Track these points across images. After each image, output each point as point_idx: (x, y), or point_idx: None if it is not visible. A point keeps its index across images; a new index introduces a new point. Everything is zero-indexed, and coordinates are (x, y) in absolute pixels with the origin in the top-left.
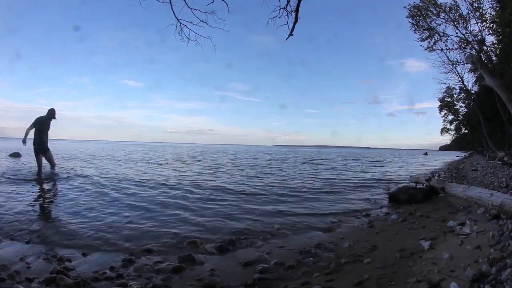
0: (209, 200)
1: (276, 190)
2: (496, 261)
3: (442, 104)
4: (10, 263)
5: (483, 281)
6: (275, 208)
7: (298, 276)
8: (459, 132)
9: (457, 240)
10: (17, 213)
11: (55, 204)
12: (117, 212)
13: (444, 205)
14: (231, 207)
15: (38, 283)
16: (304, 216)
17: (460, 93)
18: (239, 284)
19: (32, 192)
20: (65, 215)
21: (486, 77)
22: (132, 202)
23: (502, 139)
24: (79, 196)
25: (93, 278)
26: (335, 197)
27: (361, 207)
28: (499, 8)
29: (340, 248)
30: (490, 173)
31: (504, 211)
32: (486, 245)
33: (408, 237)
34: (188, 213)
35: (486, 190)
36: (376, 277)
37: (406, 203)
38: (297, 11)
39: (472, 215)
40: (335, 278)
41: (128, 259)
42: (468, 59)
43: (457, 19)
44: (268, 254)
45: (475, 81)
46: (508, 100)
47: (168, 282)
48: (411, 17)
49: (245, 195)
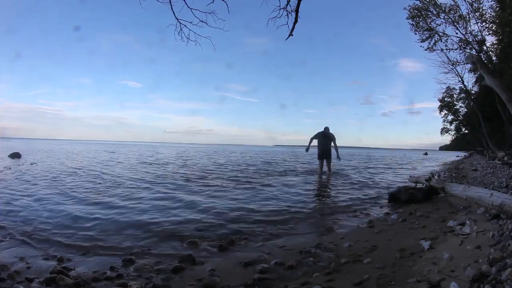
0: (209, 200)
1: (276, 191)
2: (496, 261)
3: (442, 104)
4: (10, 263)
5: (483, 281)
6: (275, 208)
7: (298, 276)
8: (459, 132)
9: (457, 240)
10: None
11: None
12: (115, 213)
13: (444, 205)
14: (231, 207)
15: (38, 283)
16: (304, 216)
17: (460, 93)
18: (239, 284)
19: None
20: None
21: (486, 77)
22: (129, 204)
23: (502, 139)
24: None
25: (93, 278)
26: (335, 197)
27: (361, 207)
28: (499, 8)
29: (340, 248)
30: (490, 173)
31: (504, 211)
32: (486, 245)
33: (408, 237)
34: (188, 213)
35: (486, 190)
36: (376, 277)
37: (406, 203)
38: (297, 11)
39: (472, 215)
40: (335, 278)
41: (128, 259)
42: (468, 59)
43: (457, 20)
44: (268, 254)
45: (475, 81)
46: (508, 100)
47: (168, 282)
48: (411, 18)
49: (244, 195)
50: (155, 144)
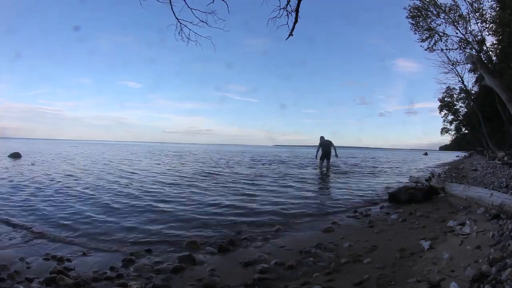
0: (209, 200)
1: (276, 191)
2: (496, 261)
3: (442, 104)
4: (10, 263)
5: (483, 281)
6: (274, 208)
7: (298, 276)
8: (459, 132)
9: (457, 240)
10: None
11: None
12: (115, 213)
13: (444, 205)
14: (230, 207)
15: (38, 283)
16: (304, 216)
17: (460, 93)
18: (239, 284)
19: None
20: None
21: (486, 77)
22: (130, 202)
23: (502, 139)
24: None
25: (93, 278)
26: (335, 197)
27: (361, 207)
28: (499, 8)
29: (340, 248)
30: (490, 173)
31: (504, 211)
32: (486, 245)
33: (408, 237)
34: (188, 213)
35: (486, 190)
36: (376, 277)
37: (406, 203)
38: (297, 11)
39: (472, 215)
40: (335, 278)
41: (128, 259)
42: (468, 59)
43: (457, 20)
44: (268, 254)
45: (475, 81)
46: (508, 100)
47: (168, 282)
48: (411, 17)
49: (244, 196)
50: (155, 144)
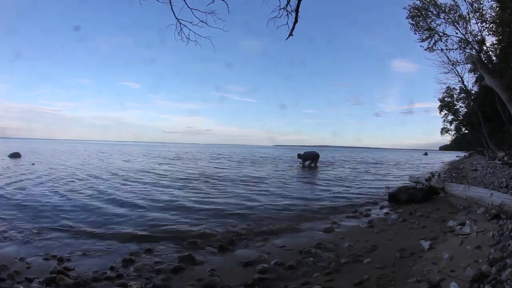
0: (209, 200)
1: (276, 191)
2: (496, 261)
3: (442, 104)
4: (10, 263)
5: (483, 281)
6: (274, 208)
7: (298, 276)
8: (459, 132)
9: (457, 240)
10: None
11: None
12: (114, 212)
13: (444, 205)
14: (230, 208)
15: (38, 283)
16: (304, 216)
17: (460, 93)
18: (239, 284)
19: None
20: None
21: (486, 77)
22: (128, 200)
23: (502, 139)
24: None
25: (93, 278)
26: (335, 197)
27: (361, 207)
28: (499, 8)
29: (340, 248)
30: (490, 173)
31: (504, 211)
32: (486, 245)
33: (408, 237)
34: (188, 213)
35: (486, 190)
36: (376, 277)
37: (406, 203)
38: (297, 11)
39: (472, 215)
40: (335, 278)
41: (128, 259)
42: (468, 59)
43: (457, 20)
44: (268, 254)
45: (475, 81)
46: (508, 100)
47: (168, 282)
48: (411, 17)
49: (243, 196)
50: (155, 144)
